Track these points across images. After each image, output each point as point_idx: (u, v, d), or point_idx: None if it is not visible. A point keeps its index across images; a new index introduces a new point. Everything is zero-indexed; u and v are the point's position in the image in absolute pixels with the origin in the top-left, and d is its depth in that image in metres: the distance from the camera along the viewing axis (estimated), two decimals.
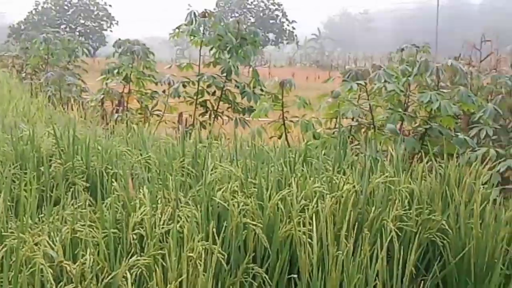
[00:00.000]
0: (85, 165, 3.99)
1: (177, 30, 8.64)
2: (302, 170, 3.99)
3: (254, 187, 3.51)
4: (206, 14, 8.62)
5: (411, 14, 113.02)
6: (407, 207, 3.66)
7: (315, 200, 3.36)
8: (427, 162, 4.31)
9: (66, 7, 68.65)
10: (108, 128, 6.88)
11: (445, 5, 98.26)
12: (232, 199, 3.26)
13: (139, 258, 2.68)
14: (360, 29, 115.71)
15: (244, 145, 4.92)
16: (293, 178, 3.49)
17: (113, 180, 3.61)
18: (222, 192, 3.38)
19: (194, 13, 8.55)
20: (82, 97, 11.57)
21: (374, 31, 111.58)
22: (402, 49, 9.37)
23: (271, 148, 4.85)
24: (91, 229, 2.87)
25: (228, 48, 8.62)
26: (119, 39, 10.01)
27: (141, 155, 4.38)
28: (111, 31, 69.61)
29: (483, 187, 4.07)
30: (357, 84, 5.80)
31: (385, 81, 5.79)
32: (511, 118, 5.96)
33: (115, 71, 9.25)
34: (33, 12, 67.68)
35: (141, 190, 3.30)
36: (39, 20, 64.28)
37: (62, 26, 66.89)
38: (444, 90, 5.93)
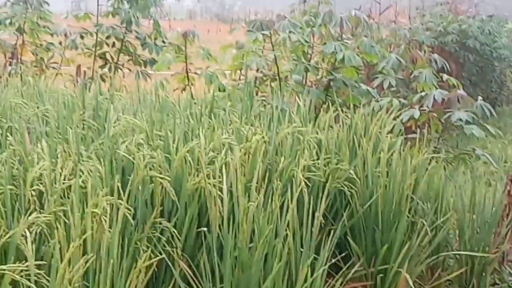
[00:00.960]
0: None
1: None
2: (209, 122, 3.87)
3: (161, 140, 3.37)
4: None
5: None
6: (316, 157, 3.64)
7: (223, 151, 3.26)
8: (334, 112, 4.30)
9: None
10: (0, 82, 6.51)
11: None
12: (137, 152, 3.11)
13: (39, 215, 2.50)
14: None
15: (147, 97, 4.76)
16: (200, 130, 3.37)
17: (7, 134, 3.37)
18: (127, 145, 3.22)
19: None
20: None
21: None
22: (305, 1, 9.37)
23: (176, 100, 4.70)
24: None
25: None
26: None
27: (38, 108, 4.13)
28: None
29: (388, 137, 4.12)
30: (262, 34, 5.71)
31: (290, 31, 5.72)
32: (412, 68, 6.05)
33: (7, 21, 8.71)
34: None
35: (39, 144, 3.09)
36: None
37: None
38: (348, 41, 5.94)
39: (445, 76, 5.62)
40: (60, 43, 8.87)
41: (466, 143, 7.28)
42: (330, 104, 4.78)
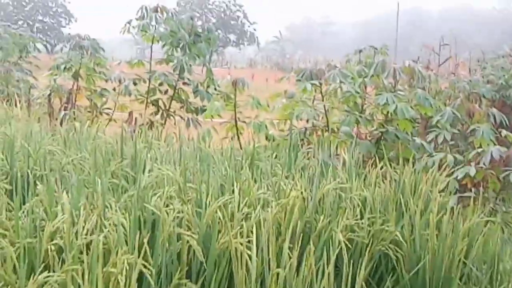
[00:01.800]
0: (9, 166, 3.62)
1: (127, 25, 8.27)
2: (248, 174, 3.68)
3: (194, 193, 3.19)
4: (159, 9, 8.27)
5: (371, 20, 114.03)
6: (359, 216, 3.39)
7: (258, 207, 3.06)
8: (381, 168, 4.06)
9: (24, 3, 67.07)
10: (52, 126, 6.51)
11: (405, 12, 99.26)
12: (167, 206, 2.94)
13: (50, 274, 2.33)
14: (321, 33, 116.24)
15: (190, 146, 4.62)
16: (236, 183, 3.17)
17: (37, 182, 3.25)
18: (158, 197, 3.05)
19: (146, 7, 8.19)
20: (32, 94, 11.07)
21: (335, 36, 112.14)
22: (360, 51, 9.18)
23: (219, 149, 4.53)
24: (2, 239, 2.53)
25: (181, 45, 8.28)
26: (69, 34, 9.58)
27: (76, 155, 4.02)
28: (69, 28, 68.39)
29: (440, 195, 3.84)
30: (311, 84, 5.53)
31: (341, 81, 5.53)
32: (469, 122, 5.75)
33: (62, 66, 8.80)
34: None
35: (65, 195, 2.96)
36: None
37: (20, 22, 65.44)
38: (401, 93, 5.70)
39: (504, 132, 5.32)
40: (114, 89, 8.90)
41: None
42: (380, 157, 4.54)
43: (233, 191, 3.16)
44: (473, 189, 4.74)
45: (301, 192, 3.20)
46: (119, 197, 3.20)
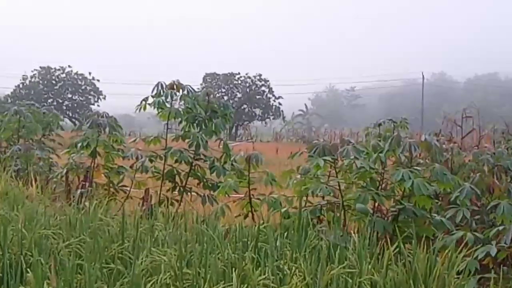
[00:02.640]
0: (1, 251, 3.48)
1: (143, 102, 8.25)
2: (252, 257, 3.49)
3: (189, 280, 3.01)
4: (175, 86, 8.25)
5: (397, 91, 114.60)
6: None
7: None
8: (397, 247, 3.85)
9: (53, 82, 68.71)
10: (63, 206, 6.42)
11: (430, 82, 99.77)
12: None
13: None
14: (347, 106, 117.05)
15: (197, 227, 4.45)
16: (234, 270, 2.99)
17: (28, 270, 3.10)
18: (151, 285, 2.88)
19: (162, 84, 8.18)
20: (53, 171, 11.06)
21: (361, 108, 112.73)
22: (380, 124, 9.05)
23: (227, 229, 4.36)
24: None
25: (197, 121, 8.22)
26: (85, 111, 9.61)
27: (76, 237, 3.88)
28: (98, 105, 69.61)
29: (458, 278, 3.60)
30: (324, 160, 5.38)
31: (355, 157, 5.37)
32: (489, 198, 5.52)
33: (79, 144, 8.77)
34: (20, 86, 67.70)
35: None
36: (26, 94, 64.18)
37: (49, 100, 66.82)
38: (419, 168, 5.51)
39: None
40: (131, 166, 8.82)
41: None
42: (397, 236, 4.33)
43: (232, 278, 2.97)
44: (495, 269, 4.47)
45: (304, 278, 2.99)
46: (111, 284, 3.02)
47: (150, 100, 8.26)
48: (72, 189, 9.33)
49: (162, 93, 8.22)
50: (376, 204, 5.77)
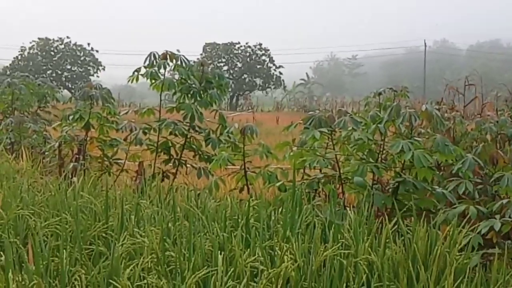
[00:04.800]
0: None
1: (136, 73, 7.99)
2: (242, 237, 3.29)
3: (173, 263, 2.81)
4: (168, 56, 7.99)
5: (399, 59, 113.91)
6: (365, 285, 2.97)
7: (245, 280, 2.66)
8: (396, 223, 3.65)
9: (52, 53, 68.15)
10: (64, 179, 6.23)
11: (433, 50, 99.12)
12: (143, 279, 2.56)
13: None
14: (349, 74, 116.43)
15: (186, 203, 4.24)
16: (221, 252, 2.79)
17: (1, 253, 2.91)
18: (131, 269, 2.68)
19: (154, 54, 7.92)
20: (48, 144, 10.83)
21: (362, 76, 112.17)
22: (380, 93, 8.79)
23: (217, 206, 4.16)
24: None
25: (191, 92, 7.97)
26: (79, 83, 9.37)
27: (57, 217, 3.68)
28: (97, 76, 69.19)
29: (460, 255, 3.40)
30: (320, 132, 5.16)
31: (352, 128, 5.15)
32: (493, 170, 5.30)
33: (70, 117, 8.54)
34: (19, 57, 67.21)
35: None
36: (25, 66, 63.74)
37: (49, 72, 66.41)
38: (419, 139, 5.29)
39: None
40: (125, 139, 8.60)
41: None
42: (397, 210, 4.13)
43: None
44: (499, 243, 4.27)
45: (295, 261, 2.78)
46: (91, 268, 2.83)
47: (143, 70, 8.02)
48: (66, 162, 9.14)
49: (155, 64, 7.97)
50: (376, 177, 5.57)
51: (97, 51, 69.58)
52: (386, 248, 3.29)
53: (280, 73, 70.55)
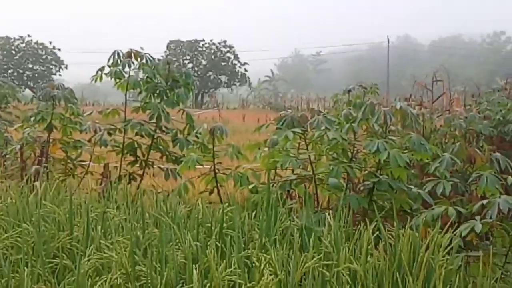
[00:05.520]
0: None
1: (99, 72, 7.73)
2: (217, 246, 3.10)
3: (144, 277, 2.61)
4: (133, 55, 7.74)
5: (362, 55, 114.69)
6: None
7: None
8: (375, 226, 3.50)
9: (13, 51, 66.97)
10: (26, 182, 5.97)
11: (395, 46, 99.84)
12: None
13: None
14: (313, 71, 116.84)
15: (154, 209, 4.04)
16: (194, 265, 2.59)
17: None
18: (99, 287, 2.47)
19: (118, 53, 7.67)
20: (10, 145, 10.47)
21: (327, 72, 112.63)
22: (349, 91, 8.67)
23: (188, 212, 3.96)
24: None
25: (158, 92, 7.74)
26: (41, 82, 9.07)
27: (18, 228, 3.45)
28: (60, 75, 68.16)
29: (444, 259, 3.27)
30: (293, 132, 4.99)
31: (326, 128, 5.00)
32: (470, 169, 5.19)
33: (32, 118, 8.24)
34: None
35: None
36: None
37: (10, 71, 65.24)
38: (394, 138, 5.16)
39: (510, 179, 4.76)
40: (90, 140, 8.33)
41: None
42: (374, 210, 3.99)
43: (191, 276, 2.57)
44: (479, 245, 4.16)
45: (275, 275, 2.61)
46: (54, 284, 2.61)
47: (107, 69, 7.77)
48: (28, 165, 8.84)
49: (119, 62, 7.73)
50: (348, 176, 5.43)
51: (59, 49, 68.55)
52: (368, 255, 3.13)
53: (245, 70, 70.39)
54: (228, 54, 69.91)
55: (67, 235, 3.32)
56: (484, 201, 4.24)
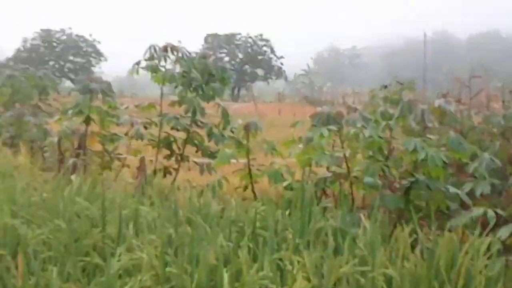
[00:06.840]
0: None
1: (136, 66, 7.73)
2: (249, 247, 3.05)
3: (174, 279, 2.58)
4: (169, 48, 7.73)
5: (398, 49, 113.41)
6: None
7: None
8: (411, 225, 3.41)
9: (54, 44, 67.78)
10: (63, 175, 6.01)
11: (432, 40, 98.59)
12: None
13: None
14: (349, 65, 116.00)
15: (188, 206, 4.01)
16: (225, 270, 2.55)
17: None
18: None
19: (155, 47, 7.66)
20: (49, 137, 10.57)
21: (362, 66, 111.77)
22: (385, 86, 8.54)
23: (216, 210, 3.91)
24: None
25: (194, 86, 7.72)
26: (81, 74, 9.13)
27: (52, 222, 3.44)
28: (99, 67, 68.84)
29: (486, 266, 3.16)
30: (328, 129, 4.91)
31: (362, 125, 4.91)
32: (510, 168, 5.05)
33: (70, 111, 8.29)
34: (21, 48, 66.83)
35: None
36: (27, 57, 63.35)
37: (51, 63, 66.08)
38: (431, 136, 5.04)
39: None
40: (126, 133, 8.36)
41: None
42: (413, 214, 3.88)
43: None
44: None
45: (309, 280, 2.55)
46: (85, 284, 2.60)
47: (143, 63, 7.77)
48: (66, 157, 8.90)
49: (155, 56, 7.72)
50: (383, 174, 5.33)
51: (99, 42, 69.18)
52: (404, 259, 3.05)
53: (281, 63, 70.21)
54: (264, 48, 69.79)
55: (99, 231, 3.31)
56: None
